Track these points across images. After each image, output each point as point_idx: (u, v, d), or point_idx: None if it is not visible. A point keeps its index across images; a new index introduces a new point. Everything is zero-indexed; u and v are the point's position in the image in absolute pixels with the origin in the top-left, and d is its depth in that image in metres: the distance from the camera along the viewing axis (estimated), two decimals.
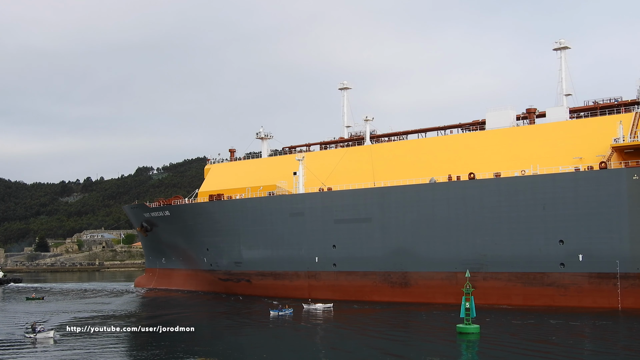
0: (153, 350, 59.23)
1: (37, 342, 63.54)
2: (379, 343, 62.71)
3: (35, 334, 65.60)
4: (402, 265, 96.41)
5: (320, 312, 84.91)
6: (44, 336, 65.21)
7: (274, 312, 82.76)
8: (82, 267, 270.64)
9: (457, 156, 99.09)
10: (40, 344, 62.42)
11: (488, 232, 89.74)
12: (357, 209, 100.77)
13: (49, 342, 63.53)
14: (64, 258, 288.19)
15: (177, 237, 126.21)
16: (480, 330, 64.32)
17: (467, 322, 64.63)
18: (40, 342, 63.25)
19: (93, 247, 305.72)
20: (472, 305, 64.79)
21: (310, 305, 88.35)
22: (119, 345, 62.66)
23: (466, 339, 62.23)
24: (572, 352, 55.70)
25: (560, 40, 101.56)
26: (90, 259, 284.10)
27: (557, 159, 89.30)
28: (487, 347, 59.03)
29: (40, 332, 65.86)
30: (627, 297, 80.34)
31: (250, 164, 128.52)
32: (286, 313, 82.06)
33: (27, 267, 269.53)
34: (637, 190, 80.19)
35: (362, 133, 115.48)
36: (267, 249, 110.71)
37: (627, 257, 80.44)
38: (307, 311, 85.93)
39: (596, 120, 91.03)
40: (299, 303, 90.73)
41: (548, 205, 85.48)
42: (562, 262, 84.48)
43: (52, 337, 65.31)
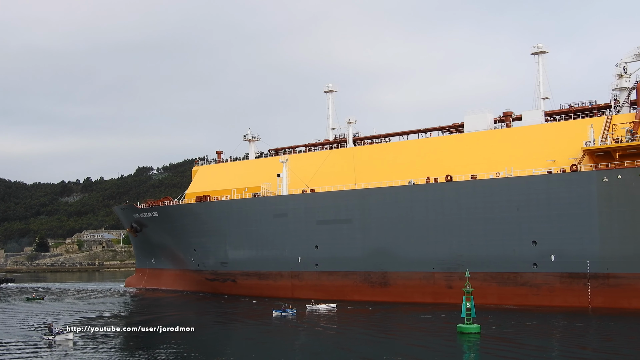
0: (173, 350, 58.82)
1: (55, 344, 61.30)
2: (381, 343, 63.52)
3: (53, 335, 63.13)
4: (382, 265, 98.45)
5: (324, 313, 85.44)
6: (63, 338, 62.82)
7: (276, 312, 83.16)
8: (82, 267, 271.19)
9: (436, 158, 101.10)
10: (59, 346, 60.31)
11: (464, 233, 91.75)
12: (339, 210, 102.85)
13: (68, 344, 61.32)
14: (64, 258, 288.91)
15: (165, 237, 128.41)
16: (481, 330, 64.80)
17: (467, 322, 64.92)
18: (59, 345, 61.03)
19: (93, 247, 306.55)
20: (472, 305, 65.12)
21: (313, 305, 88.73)
22: (138, 346, 61.13)
23: (467, 339, 62.73)
24: (572, 353, 56.49)
25: (538, 44, 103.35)
26: (90, 259, 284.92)
27: (531, 161, 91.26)
28: (488, 346, 59.55)
29: (59, 334, 63.42)
30: (596, 297, 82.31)
31: (237, 166, 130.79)
32: (289, 313, 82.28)
33: (27, 267, 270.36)
34: (606, 192, 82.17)
35: (346, 135, 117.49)
36: (251, 249, 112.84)
37: (596, 257, 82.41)
38: (310, 312, 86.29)
39: (569, 123, 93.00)
40: (288, 303, 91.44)
41: (522, 206, 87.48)
42: (535, 263, 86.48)
43: (72, 339, 62.93)
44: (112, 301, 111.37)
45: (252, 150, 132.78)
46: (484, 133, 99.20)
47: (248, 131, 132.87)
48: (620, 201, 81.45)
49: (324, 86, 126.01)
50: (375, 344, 62.80)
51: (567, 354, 56.50)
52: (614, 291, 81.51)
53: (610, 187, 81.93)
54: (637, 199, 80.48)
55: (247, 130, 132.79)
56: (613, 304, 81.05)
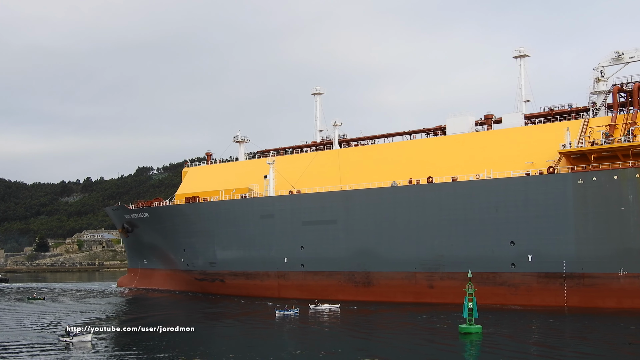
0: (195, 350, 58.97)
1: (73, 345, 59.96)
2: (384, 343, 64.08)
3: (70, 337, 61.67)
4: (365, 265, 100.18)
5: (327, 313, 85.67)
6: (81, 339, 61.39)
7: (279, 312, 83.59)
8: (82, 267, 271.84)
9: (419, 160, 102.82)
10: (77, 349, 59.02)
11: (445, 233, 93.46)
12: (324, 211, 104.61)
13: (86, 346, 60.05)
14: (64, 258, 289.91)
15: (156, 238, 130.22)
16: (482, 331, 65.05)
17: (469, 322, 65.13)
18: (77, 347, 59.70)
19: (93, 247, 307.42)
20: (475, 305, 65.21)
21: (316, 305, 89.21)
22: (158, 347, 60.25)
23: (469, 339, 62.96)
24: (576, 353, 56.66)
25: (520, 48, 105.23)
26: (90, 259, 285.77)
27: (510, 163, 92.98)
28: (490, 346, 59.85)
29: (77, 335, 61.88)
30: (572, 296, 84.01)
31: (225, 167, 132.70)
32: (291, 313, 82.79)
33: (27, 267, 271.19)
34: (582, 194, 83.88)
35: (332, 137, 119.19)
36: (239, 249, 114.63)
37: (572, 257, 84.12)
38: (313, 312, 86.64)
39: (547, 126, 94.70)
40: (284, 303, 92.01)
41: (500, 208, 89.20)
42: (513, 263, 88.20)
43: (90, 340, 61.62)
44: (111, 301, 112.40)
45: (242, 152, 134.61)
46: (465, 135, 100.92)
47: (238, 133, 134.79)
48: (595, 203, 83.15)
49: (312, 89, 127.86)
50: (377, 344, 63.29)
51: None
52: (589, 291, 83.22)
53: (586, 189, 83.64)
54: (611, 201, 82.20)
55: (237, 132, 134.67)
56: (588, 303, 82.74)
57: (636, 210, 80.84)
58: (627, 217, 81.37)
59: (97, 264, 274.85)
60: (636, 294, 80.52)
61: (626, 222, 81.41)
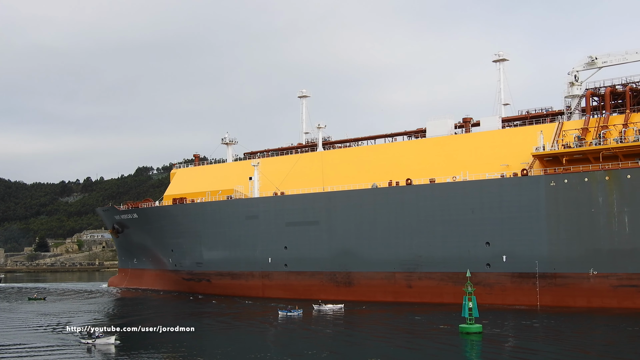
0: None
1: (95, 348, 59.18)
2: (387, 342, 64.58)
3: (93, 339, 60.89)
4: (347, 265, 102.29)
5: (331, 313, 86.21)
6: (104, 342, 60.51)
7: (282, 312, 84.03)
8: (82, 267, 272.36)
9: (399, 163, 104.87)
10: (99, 351, 58.29)
11: (423, 234, 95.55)
12: (306, 212, 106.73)
13: (109, 348, 59.30)
14: (64, 258, 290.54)
15: (145, 238, 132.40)
16: (483, 330, 65.39)
17: (469, 322, 65.52)
18: (99, 349, 58.87)
19: (93, 247, 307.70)
20: (475, 304, 65.61)
21: (320, 306, 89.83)
22: (187, 348, 60.03)
23: (469, 339, 63.37)
24: (577, 353, 57.66)
25: (499, 52, 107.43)
26: (90, 259, 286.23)
27: (487, 165, 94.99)
28: (491, 346, 60.33)
29: (99, 338, 61.11)
30: (544, 296, 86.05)
31: (212, 169, 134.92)
32: (294, 314, 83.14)
33: (27, 267, 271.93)
34: (554, 196, 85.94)
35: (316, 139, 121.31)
36: (225, 250, 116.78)
37: (545, 257, 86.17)
38: (317, 312, 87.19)
39: (523, 129, 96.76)
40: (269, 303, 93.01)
41: (476, 209, 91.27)
42: (488, 263, 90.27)
43: (113, 343, 60.73)
44: (111, 301, 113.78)
45: (230, 154, 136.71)
46: (444, 138, 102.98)
47: (226, 135, 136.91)
48: (567, 204, 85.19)
49: (298, 92, 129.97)
50: (379, 345, 63.53)
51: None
52: (560, 290, 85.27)
53: (557, 191, 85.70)
54: (582, 202, 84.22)
55: (225, 134, 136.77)
56: (560, 302, 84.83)
57: (605, 212, 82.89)
58: (597, 218, 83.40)
59: (97, 264, 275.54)
60: (605, 293, 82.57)
61: (596, 223, 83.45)
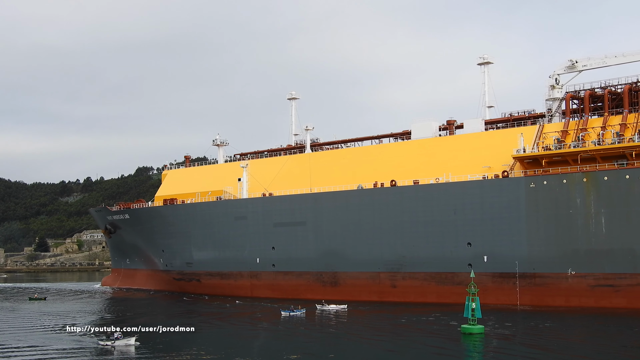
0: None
1: (115, 350, 58.45)
2: (388, 342, 65.38)
3: (112, 341, 60.16)
4: (333, 265, 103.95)
5: (334, 313, 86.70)
6: (124, 343, 59.89)
7: (285, 312, 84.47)
8: (82, 267, 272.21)
9: (384, 164, 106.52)
10: (120, 353, 57.50)
11: (407, 235, 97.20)
12: (294, 213, 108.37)
13: (130, 350, 58.58)
14: (64, 258, 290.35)
15: (137, 239, 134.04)
16: (485, 331, 65.85)
17: (471, 323, 65.82)
18: (119, 351, 58.13)
19: (93, 247, 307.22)
20: (478, 305, 65.89)
21: (323, 306, 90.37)
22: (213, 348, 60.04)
23: (471, 340, 63.74)
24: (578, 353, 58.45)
25: (484, 55, 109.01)
26: (90, 259, 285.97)
27: (469, 167, 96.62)
28: (492, 346, 61.06)
29: (118, 339, 60.50)
30: (524, 295, 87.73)
31: (203, 170, 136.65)
32: (297, 314, 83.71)
33: (27, 267, 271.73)
34: (533, 197, 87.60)
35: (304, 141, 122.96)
36: (214, 250, 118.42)
37: (524, 258, 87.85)
38: (320, 312, 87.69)
39: (505, 132, 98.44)
40: (260, 303, 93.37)
41: (458, 210, 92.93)
42: (469, 263, 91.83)
43: (134, 344, 60.13)
44: (109, 301, 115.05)
45: (221, 155, 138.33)
46: (428, 140, 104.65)
47: (217, 136, 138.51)
48: (546, 205, 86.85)
49: (288, 94, 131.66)
50: (381, 344, 64.46)
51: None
52: (539, 290, 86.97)
53: (537, 193, 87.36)
54: (560, 204, 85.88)
55: (217, 135, 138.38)
56: (539, 302, 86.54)
57: (583, 213, 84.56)
58: (575, 219, 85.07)
59: (97, 264, 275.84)
60: (583, 293, 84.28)
61: (574, 224, 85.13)
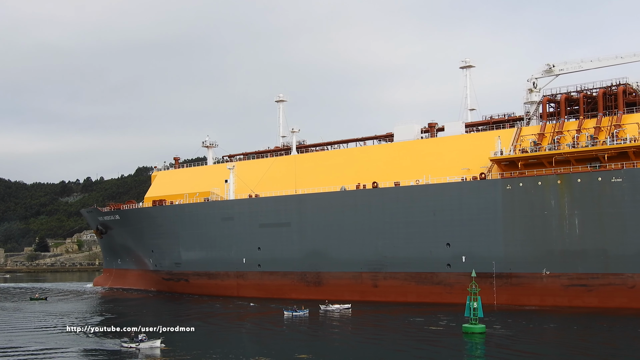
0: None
1: (140, 352, 57.64)
2: (389, 342, 66.07)
3: (137, 343, 59.11)
4: (316, 266, 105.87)
5: (338, 313, 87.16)
6: (149, 346, 58.94)
7: (287, 312, 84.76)
8: (82, 267, 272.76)
9: (367, 166, 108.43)
10: (144, 356, 56.70)
11: (388, 235, 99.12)
12: (279, 214, 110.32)
13: (155, 352, 57.89)
14: (64, 258, 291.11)
15: (127, 239, 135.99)
16: (486, 330, 66.18)
17: (473, 322, 66.28)
18: (144, 353, 57.35)
19: (93, 247, 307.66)
20: (479, 305, 66.39)
21: (327, 306, 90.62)
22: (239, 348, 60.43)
23: (472, 339, 64.28)
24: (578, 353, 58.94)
25: (466, 59, 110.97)
26: (90, 259, 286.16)
27: (449, 169, 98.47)
28: (493, 346, 61.51)
29: (143, 342, 59.29)
30: (501, 295, 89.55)
31: (191, 172, 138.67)
32: (300, 314, 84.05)
33: (27, 267, 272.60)
34: (510, 199, 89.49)
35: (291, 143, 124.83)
36: (202, 250, 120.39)
37: (501, 258, 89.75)
38: (324, 312, 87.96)
39: (484, 134, 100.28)
40: (247, 302, 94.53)
41: (437, 211, 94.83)
42: (448, 263, 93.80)
43: (159, 346, 59.28)
44: (109, 301, 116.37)
45: (210, 156, 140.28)
46: (410, 143, 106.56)
47: (206, 138, 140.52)
48: (522, 207, 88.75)
49: (275, 96, 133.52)
50: (382, 343, 65.31)
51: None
52: (515, 289, 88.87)
53: (513, 194, 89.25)
54: (536, 205, 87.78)
55: (206, 137, 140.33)
56: (515, 301, 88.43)
57: (557, 214, 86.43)
58: (550, 220, 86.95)
59: (97, 264, 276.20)
60: (557, 292, 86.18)
61: (548, 225, 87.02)
